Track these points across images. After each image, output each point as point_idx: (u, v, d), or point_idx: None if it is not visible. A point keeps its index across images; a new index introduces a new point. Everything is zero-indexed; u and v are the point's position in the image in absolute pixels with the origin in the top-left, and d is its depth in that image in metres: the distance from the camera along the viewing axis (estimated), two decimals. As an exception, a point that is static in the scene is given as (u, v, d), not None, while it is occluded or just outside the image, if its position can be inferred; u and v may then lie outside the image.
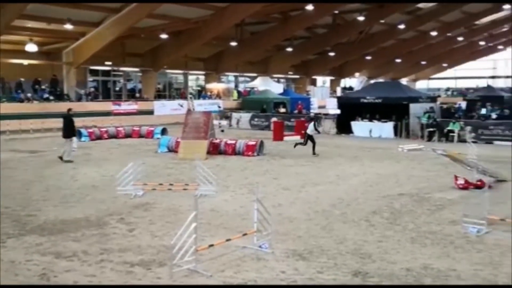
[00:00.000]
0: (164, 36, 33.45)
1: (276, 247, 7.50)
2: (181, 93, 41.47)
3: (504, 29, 55.97)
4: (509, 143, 21.44)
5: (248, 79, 48.75)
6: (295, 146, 18.96)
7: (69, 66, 31.68)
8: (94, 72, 36.60)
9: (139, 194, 11.20)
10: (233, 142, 18.63)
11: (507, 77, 65.61)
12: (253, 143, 18.33)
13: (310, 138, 18.53)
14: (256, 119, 31.43)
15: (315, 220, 9.25)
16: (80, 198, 11.03)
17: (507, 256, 7.22)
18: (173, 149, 18.48)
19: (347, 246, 7.73)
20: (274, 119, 28.11)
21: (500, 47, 62.66)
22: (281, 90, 43.00)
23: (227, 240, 7.35)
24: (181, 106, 35.15)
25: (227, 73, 46.26)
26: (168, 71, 41.48)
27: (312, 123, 19.09)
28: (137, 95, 38.49)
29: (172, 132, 23.16)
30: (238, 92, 44.74)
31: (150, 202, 10.58)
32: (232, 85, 47.80)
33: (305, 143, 18.65)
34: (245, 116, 32.12)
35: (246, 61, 43.57)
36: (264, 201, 10.02)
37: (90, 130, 23.71)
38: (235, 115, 32.98)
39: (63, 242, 7.81)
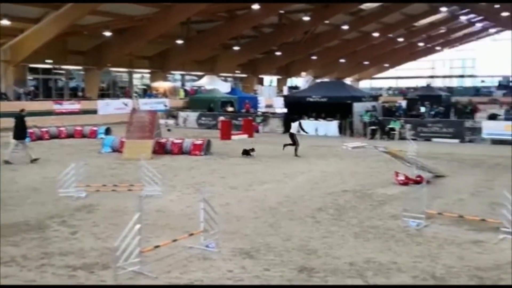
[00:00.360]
0: (108, 33, 32.67)
1: (223, 246, 7.50)
2: (125, 92, 40.63)
3: (441, 31, 58.60)
4: (446, 140, 22.48)
5: (195, 77, 48.44)
6: (284, 148, 18.34)
7: (7, 64, 30.29)
8: (34, 71, 35.20)
9: (81, 196, 10.88)
10: (179, 141, 18.46)
11: (445, 77, 68.80)
12: (200, 142, 18.23)
13: (293, 137, 18.18)
14: (203, 118, 31.27)
15: (263, 218, 9.32)
16: (19, 201, 10.57)
17: (444, 248, 7.56)
18: (117, 149, 18.07)
19: (293, 242, 7.84)
20: (221, 118, 28.06)
21: (438, 48, 65.52)
22: (229, 89, 42.96)
23: (173, 240, 7.28)
24: (126, 105, 34.43)
25: (173, 72, 45.76)
26: (112, 69, 40.51)
27: (297, 123, 18.74)
28: (80, 94, 37.37)
29: (116, 131, 22.65)
30: (185, 91, 44.37)
31: (93, 203, 10.30)
32: (178, 83, 47.34)
33: (295, 143, 18.09)
34: (192, 115, 31.89)
35: (192, 60, 43.25)
36: (211, 200, 9.99)
37: (31, 131, 22.68)
38: (181, 114, 32.67)
39: (1, 247, 7.46)
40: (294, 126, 18.56)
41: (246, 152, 17.61)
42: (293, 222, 9.06)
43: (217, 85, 42.74)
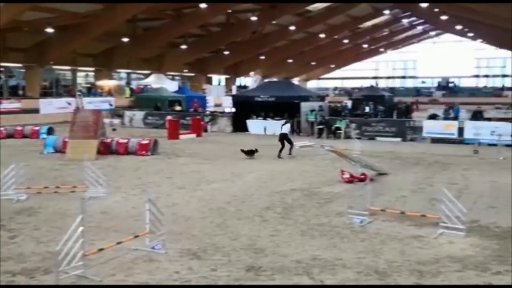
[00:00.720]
0: (50, 30, 31.46)
1: (169, 247, 7.40)
2: (69, 91, 39.34)
3: (385, 33, 60.43)
4: (389, 139, 23.21)
5: (141, 76, 47.56)
6: (279, 154, 17.44)
7: None
8: (-30, 68, 33.44)
9: (22, 198, 10.43)
10: (125, 141, 18.08)
11: (388, 77, 71.05)
12: (147, 142, 17.93)
13: (286, 138, 17.92)
14: (150, 118, 30.78)
15: (210, 218, 9.28)
16: (-48, 206, 10.00)
17: (387, 243, 7.80)
18: (60, 150, 17.48)
19: (241, 242, 7.86)
20: (169, 117, 27.71)
21: (382, 49, 67.55)
22: (176, 88, 42.49)
23: (118, 243, 7.11)
24: (69, 104, 33.37)
25: (119, 70, 44.75)
26: (54, 67, 39.05)
27: (288, 124, 18.56)
28: (21, 92, 35.81)
29: (59, 131, 21.89)
30: (131, 89, 43.50)
31: (34, 206, 9.90)
32: (124, 82, 46.35)
33: (290, 143, 17.79)
34: (139, 114, 31.33)
35: (139, 58, 42.41)
36: (158, 201, 9.86)
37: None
38: (127, 113, 32.02)
39: None
40: (287, 128, 18.30)
41: (250, 153, 17.39)
42: (241, 222, 9.07)
43: (164, 84, 42.18)
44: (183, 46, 42.36)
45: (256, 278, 6.35)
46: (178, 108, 34.77)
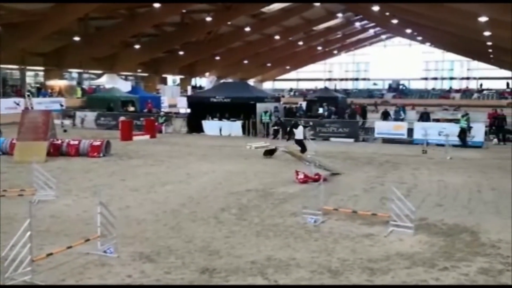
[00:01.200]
0: (-4, 28, 30.20)
1: (122, 251, 7.27)
2: (17, 90, 37.85)
3: (338, 36, 61.59)
4: (342, 139, 23.67)
5: (93, 76, 46.44)
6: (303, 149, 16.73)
7: None
8: None
9: (-36, 203, 9.97)
10: (76, 142, 17.59)
11: (341, 79, 72.44)
12: (99, 143, 17.51)
13: (300, 143, 17.16)
14: (102, 118, 30.12)
15: (164, 221, 9.17)
16: None
17: (339, 242, 7.95)
18: (7, 152, 16.83)
19: (195, 244, 7.80)
20: (122, 118, 27.19)
21: (335, 52, 68.81)
22: (129, 88, 41.74)
23: (68, 247, 6.91)
24: (18, 104, 32.14)
25: (70, 70, 43.50)
26: (2, 66, 37.48)
27: (301, 127, 17.68)
28: (-36, 92, 34.22)
29: (7, 133, 21.03)
30: (82, 89, 42.39)
31: (-22, 211, 9.48)
32: (75, 82, 45.12)
33: (304, 148, 16.94)
34: (91, 115, 30.59)
35: (91, 58, 41.33)
36: (111, 203, 9.66)
37: None
38: (79, 114, 31.21)
39: None
40: (299, 132, 17.42)
41: (269, 153, 17.28)
42: (195, 224, 9.01)
43: (117, 84, 41.40)
44: (137, 46, 41.65)
45: (210, 280, 6.33)
46: (131, 108, 34.20)
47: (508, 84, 60.32)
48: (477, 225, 8.97)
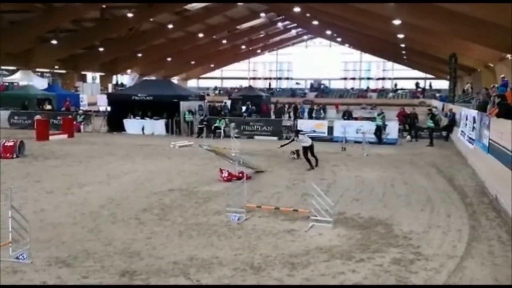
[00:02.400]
0: None
1: (36, 256, 6.91)
2: None
3: (261, 35, 62.38)
4: (266, 137, 24.01)
5: (6, 72, 43.69)
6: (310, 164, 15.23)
7: None
8: None
9: None
10: (-14, 143, 16.46)
11: (265, 78, 73.41)
12: (11, 143, 16.50)
13: (311, 150, 15.35)
14: (16, 117, 28.46)
15: (82, 223, 8.83)
16: None
17: (262, 239, 8.07)
18: None
19: (115, 246, 7.59)
20: (37, 117, 25.84)
21: (259, 51, 69.61)
22: (46, 86, 39.72)
23: (-25, 255, 6.48)
24: None
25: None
26: None
27: (306, 136, 15.51)
28: None
29: None
30: (-6, 86, 39.77)
31: None
32: (-15, 78, 42.28)
33: (314, 160, 15.42)
34: (3, 114, 28.74)
35: (4, 53, 38.78)
36: (24, 207, 9.21)
37: None
38: (-11, 112, 29.23)
39: None
40: (308, 140, 15.38)
41: (297, 153, 16.89)
42: (115, 226, 8.76)
43: (33, 81, 39.27)
44: (54, 41, 39.71)
45: (131, 282, 6.18)
46: (48, 107, 32.60)
47: (417, 84, 64.11)
48: (390, 217, 9.47)
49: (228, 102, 37.16)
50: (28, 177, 13.10)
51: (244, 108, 32.56)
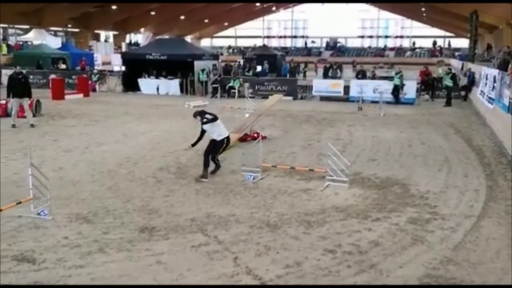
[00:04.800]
0: None
1: (57, 213, 7.06)
2: None
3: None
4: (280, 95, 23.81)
5: (19, 31, 43.64)
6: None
7: None
8: None
9: None
10: (3, 102, 16.60)
11: (280, 37, 72.34)
12: (28, 102, 16.60)
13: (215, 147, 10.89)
14: (31, 76, 28.36)
15: (101, 181, 8.95)
16: None
17: (278, 198, 8.11)
18: None
19: (134, 204, 7.70)
20: (52, 76, 25.90)
21: (273, 8, 68.27)
22: (60, 45, 39.66)
23: (-2, 211, 6.63)
24: None
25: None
26: None
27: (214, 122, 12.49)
28: None
29: None
30: (8, 46, 39.81)
31: None
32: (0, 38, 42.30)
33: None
34: (18, 73, 28.83)
35: (16, 12, 38.67)
36: (43, 165, 9.35)
37: None
38: (5, 72, 29.28)
39: None
40: (219, 131, 10.59)
41: None
42: (133, 184, 8.87)
43: (46, 40, 39.22)
44: (66, -1, 39.38)
45: (150, 238, 6.29)
46: (62, 66, 32.63)
47: (435, 42, 62.67)
48: (407, 177, 9.43)
49: (242, 62, 36.82)
50: (46, 136, 13.25)
51: (259, 67, 32.22)
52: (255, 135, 12.71)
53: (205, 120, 9.80)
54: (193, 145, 9.85)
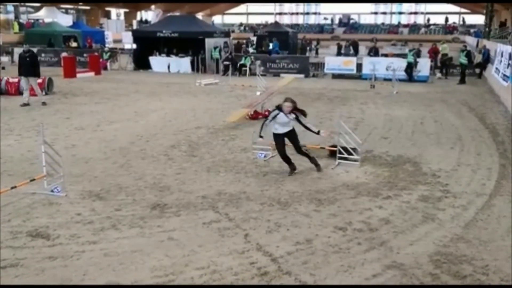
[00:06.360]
0: None
1: (70, 190, 7.14)
2: None
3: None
4: (293, 75, 23.67)
5: (30, 9, 43.63)
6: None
7: None
8: None
9: None
10: (16, 80, 16.70)
11: (292, 13, 71.48)
12: (40, 81, 16.68)
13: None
14: (43, 55, 28.54)
15: (113, 159, 9.03)
16: None
17: (279, 175, 8.11)
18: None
19: (146, 181, 7.77)
20: (64, 54, 25.93)
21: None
22: (71, 23, 39.59)
23: (13, 187, 6.73)
24: None
25: (4, 3, 40.58)
26: None
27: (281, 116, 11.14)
28: None
29: None
30: (20, 24, 39.85)
31: None
32: (11, 16, 42.28)
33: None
34: (30, 52, 28.92)
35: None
36: (56, 142, 9.44)
37: None
38: (17, 50, 29.40)
39: None
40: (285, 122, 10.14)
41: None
42: (145, 161, 8.93)
43: (57, 17, 39.14)
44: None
45: (162, 215, 6.36)
46: (74, 44, 32.63)
47: (447, 19, 61.51)
48: (419, 155, 9.38)
49: (254, 39, 36.52)
50: (58, 114, 13.35)
51: (270, 45, 31.95)
52: (266, 113, 12.65)
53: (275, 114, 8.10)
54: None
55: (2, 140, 10.01)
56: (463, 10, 60.08)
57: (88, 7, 48.01)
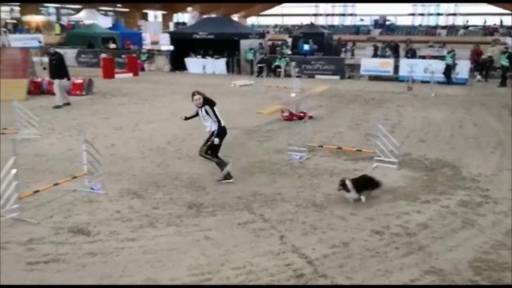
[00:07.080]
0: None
1: (109, 188, 7.31)
2: (-8, 27, 36.53)
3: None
4: (328, 76, 23.54)
5: (71, 11, 44.86)
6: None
7: None
8: None
9: None
10: (39, 80, 17.17)
11: (327, 15, 71.02)
12: (81, 81, 17.19)
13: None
14: (83, 56, 29.38)
15: (150, 158, 9.19)
16: None
17: (324, 178, 8.08)
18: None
19: (182, 180, 7.87)
20: (103, 55, 26.53)
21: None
22: (110, 24, 40.49)
23: (55, 184, 6.94)
24: (-7, 41, 31.06)
25: (46, 4, 41.88)
26: (-27, 0, 35.99)
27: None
28: None
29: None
30: (61, 25, 41.03)
31: (-40, 150, 9.36)
32: (53, 17, 43.61)
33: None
34: (71, 52, 29.70)
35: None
36: (95, 142, 9.65)
37: None
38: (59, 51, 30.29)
39: None
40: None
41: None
42: (181, 161, 9.06)
43: (97, 19, 40.12)
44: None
45: (198, 214, 6.43)
46: (112, 45, 33.34)
47: (485, 20, 59.85)
48: (458, 159, 9.17)
49: (289, 40, 36.42)
50: (97, 114, 13.67)
51: (306, 46, 31.80)
52: (302, 114, 12.64)
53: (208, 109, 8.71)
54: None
55: (44, 139, 10.34)
56: (503, 11, 58.30)
57: (126, 10, 48.99)
